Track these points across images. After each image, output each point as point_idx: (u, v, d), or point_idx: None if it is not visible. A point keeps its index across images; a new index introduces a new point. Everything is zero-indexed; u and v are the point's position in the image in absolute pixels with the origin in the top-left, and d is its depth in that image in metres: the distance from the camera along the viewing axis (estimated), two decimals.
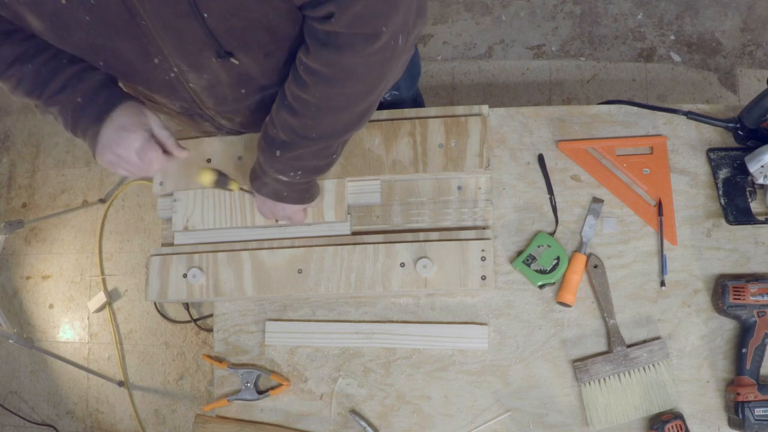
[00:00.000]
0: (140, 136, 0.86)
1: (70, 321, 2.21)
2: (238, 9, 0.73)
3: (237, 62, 0.81)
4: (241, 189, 1.00)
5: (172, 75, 0.83)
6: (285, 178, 0.91)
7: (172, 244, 1.12)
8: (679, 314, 1.03)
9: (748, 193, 1.04)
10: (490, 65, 2.06)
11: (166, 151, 0.90)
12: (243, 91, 0.90)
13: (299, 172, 0.91)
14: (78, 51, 0.81)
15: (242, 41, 0.79)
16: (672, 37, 1.99)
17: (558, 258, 1.04)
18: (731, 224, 1.03)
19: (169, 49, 0.78)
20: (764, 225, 1.03)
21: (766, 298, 0.96)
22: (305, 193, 0.97)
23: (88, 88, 0.85)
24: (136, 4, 0.70)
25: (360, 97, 0.83)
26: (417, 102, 1.41)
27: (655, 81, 1.96)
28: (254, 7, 0.73)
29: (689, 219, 1.06)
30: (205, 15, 0.71)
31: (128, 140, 0.85)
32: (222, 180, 0.96)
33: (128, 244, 2.21)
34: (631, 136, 1.09)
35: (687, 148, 1.09)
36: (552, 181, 1.09)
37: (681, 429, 0.95)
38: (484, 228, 1.05)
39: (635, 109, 1.10)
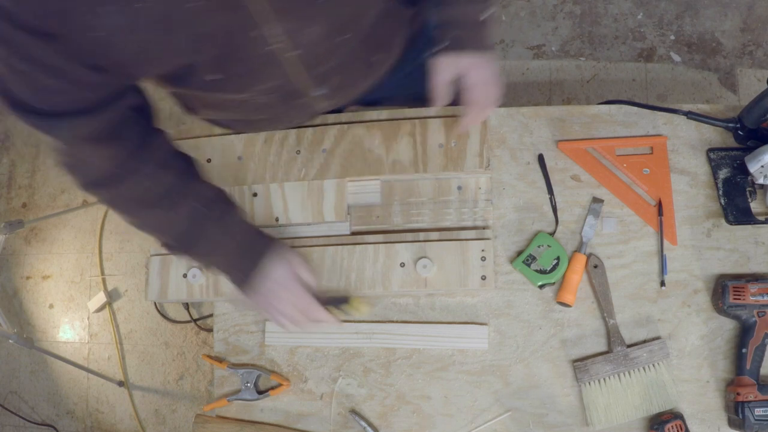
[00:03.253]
0: (296, 287, 0.87)
1: (70, 321, 2.21)
2: None
3: None
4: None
5: (273, 46, 0.77)
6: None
7: None
8: (679, 314, 1.03)
9: (748, 193, 1.04)
10: None
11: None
12: (347, 36, 0.84)
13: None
14: (177, 57, 0.73)
15: None
16: (672, 37, 1.99)
17: (558, 258, 1.04)
18: (731, 224, 1.03)
19: (271, 15, 0.72)
20: (764, 225, 1.03)
21: (766, 298, 0.96)
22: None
23: (240, 241, 0.87)
24: None
25: None
26: None
27: (655, 81, 1.96)
28: None
29: (689, 219, 1.06)
30: None
31: (286, 293, 0.87)
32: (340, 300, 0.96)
33: (128, 244, 2.21)
34: (631, 136, 1.09)
35: (687, 148, 1.09)
36: (552, 181, 1.09)
37: (681, 429, 0.95)
38: (484, 228, 1.06)
39: (635, 109, 1.10)
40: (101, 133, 0.76)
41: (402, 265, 1.03)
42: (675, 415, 0.97)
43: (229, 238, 0.88)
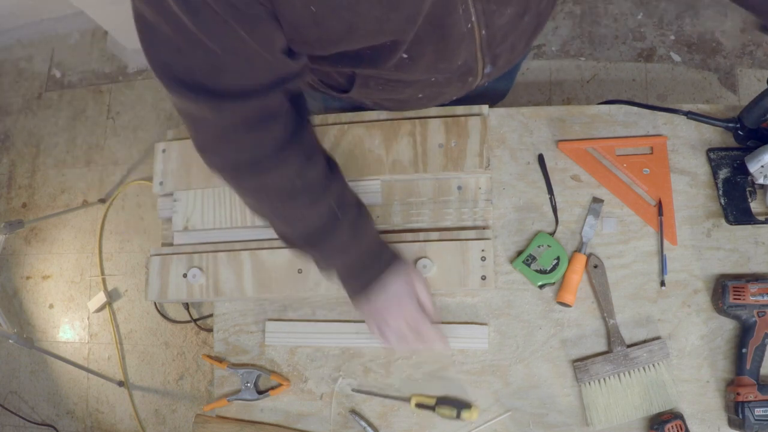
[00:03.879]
0: (412, 305, 0.85)
1: (70, 321, 2.21)
2: None
3: None
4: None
5: (469, 26, 0.77)
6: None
7: (172, 244, 1.13)
8: (679, 314, 1.03)
9: (748, 193, 1.04)
10: None
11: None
12: (527, 18, 0.84)
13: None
14: (389, 33, 0.72)
15: None
16: (672, 37, 1.99)
17: (558, 258, 1.04)
18: (731, 224, 1.03)
19: None
20: (764, 225, 1.03)
21: (766, 298, 0.96)
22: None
23: (365, 250, 0.85)
24: None
25: None
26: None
27: (655, 81, 1.96)
28: None
29: (689, 219, 1.06)
30: None
31: (402, 309, 0.85)
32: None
33: (128, 244, 2.21)
34: (631, 136, 1.09)
35: (687, 148, 1.09)
36: (552, 181, 1.09)
37: (681, 429, 0.95)
38: (484, 228, 1.06)
39: (635, 109, 1.10)
40: (262, 116, 0.73)
41: None
42: (675, 415, 0.97)
43: (356, 245, 0.86)
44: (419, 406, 1.03)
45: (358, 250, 0.86)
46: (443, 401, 1.03)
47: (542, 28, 0.95)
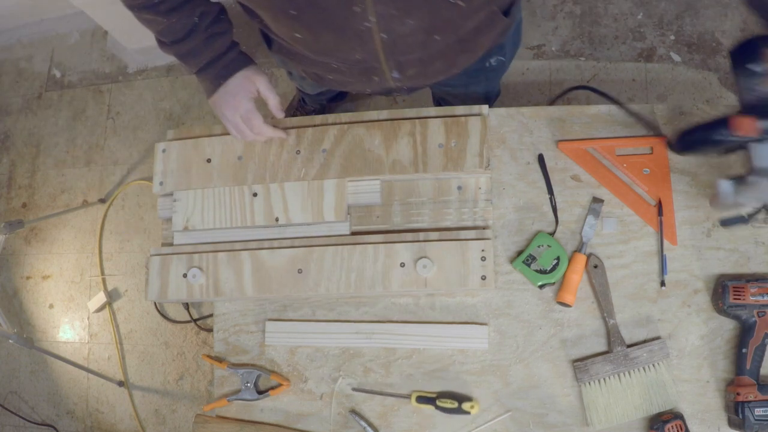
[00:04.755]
0: (245, 102, 0.99)
1: (70, 321, 2.21)
2: None
3: (463, 4, 0.81)
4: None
5: (367, 25, 0.82)
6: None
7: (172, 244, 1.13)
8: (679, 314, 1.03)
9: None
10: None
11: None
12: (437, 37, 0.90)
13: None
14: (272, 3, 0.82)
15: None
16: (672, 37, 1.99)
17: (558, 258, 1.04)
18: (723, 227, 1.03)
19: None
20: (765, 225, 1.03)
21: (766, 298, 0.96)
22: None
23: (213, 56, 0.98)
24: None
25: None
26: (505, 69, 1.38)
27: (655, 81, 1.96)
28: None
29: (689, 219, 1.06)
30: None
31: (233, 104, 0.99)
32: None
33: (128, 244, 2.21)
34: (631, 136, 1.09)
35: None
36: (552, 181, 1.09)
37: (681, 429, 0.95)
38: (484, 228, 1.05)
39: (635, 108, 1.10)
40: None
41: (402, 265, 1.03)
42: (675, 415, 0.97)
43: (208, 51, 0.99)
44: (420, 400, 1.03)
45: (209, 55, 0.99)
46: (444, 394, 1.03)
47: (475, 55, 1.02)
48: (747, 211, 0.99)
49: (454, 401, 1.01)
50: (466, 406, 1.01)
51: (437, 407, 1.02)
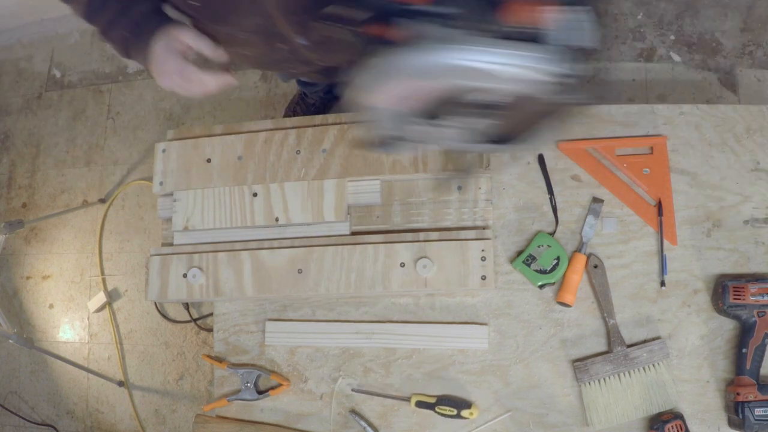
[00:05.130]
0: (175, 62, 0.93)
1: (70, 321, 2.21)
2: None
3: None
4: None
5: None
6: None
7: (172, 244, 1.13)
8: (679, 314, 1.03)
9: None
10: None
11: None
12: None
13: None
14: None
15: None
16: (672, 37, 1.99)
17: (558, 258, 1.04)
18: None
19: None
20: (765, 225, 1.03)
21: (766, 298, 0.96)
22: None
23: (132, 23, 0.93)
24: None
25: None
26: None
27: (655, 81, 1.96)
28: None
29: (689, 219, 1.06)
30: None
31: (165, 69, 0.94)
32: None
33: (128, 244, 2.21)
34: (631, 136, 1.09)
35: (687, 148, 1.09)
36: (552, 181, 1.09)
37: (681, 429, 0.95)
38: (484, 228, 1.05)
39: (635, 108, 1.11)
40: None
41: (402, 265, 1.03)
42: (675, 415, 0.97)
43: (124, 21, 0.95)
44: (419, 404, 1.03)
45: (127, 24, 0.95)
46: (443, 400, 1.03)
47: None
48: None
49: (453, 408, 1.01)
50: (465, 413, 1.01)
51: (436, 413, 1.02)
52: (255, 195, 1.09)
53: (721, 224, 1.05)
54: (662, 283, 1.03)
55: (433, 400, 1.03)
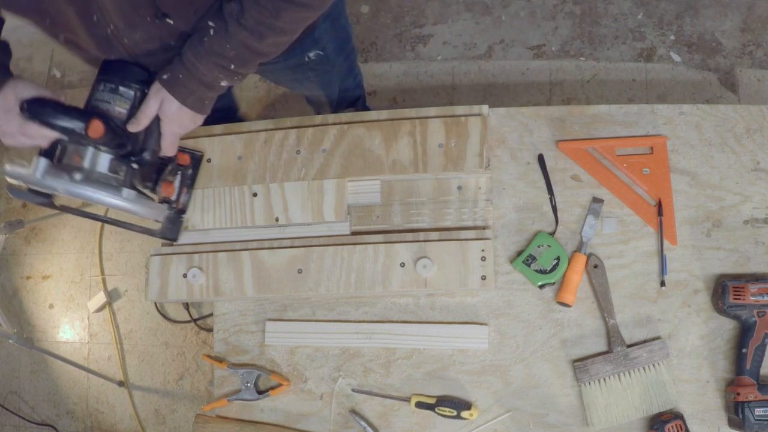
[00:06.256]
0: (12, 119, 0.91)
1: (70, 321, 2.21)
2: None
3: (171, 22, 0.86)
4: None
5: (108, 32, 0.87)
6: (215, 75, 0.93)
7: (172, 244, 1.12)
8: (679, 314, 1.03)
9: None
10: (490, 65, 2.06)
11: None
12: (172, 43, 0.93)
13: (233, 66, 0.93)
14: (25, 14, 0.87)
15: (176, 3, 0.85)
16: (672, 37, 1.99)
17: (558, 258, 1.04)
18: None
19: (108, 7, 0.82)
20: (765, 225, 1.03)
21: (766, 298, 0.96)
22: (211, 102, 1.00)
23: None
24: None
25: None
26: (349, 65, 1.41)
27: (655, 81, 1.96)
28: None
29: (689, 219, 1.06)
30: None
31: (6, 127, 0.92)
32: None
33: (128, 244, 2.21)
34: (631, 136, 1.09)
35: (687, 148, 1.09)
36: (552, 181, 1.09)
37: (681, 429, 0.95)
38: (484, 228, 1.05)
39: (635, 108, 1.11)
40: None
41: (402, 265, 1.03)
42: (675, 415, 0.97)
43: None
44: (419, 405, 1.03)
45: None
46: (443, 401, 1.03)
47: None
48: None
49: (453, 410, 1.01)
50: (465, 414, 1.01)
51: (436, 414, 1.02)
52: (255, 195, 1.09)
53: (721, 224, 1.05)
54: (662, 283, 1.03)
55: (432, 401, 1.03)
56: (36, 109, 0.90)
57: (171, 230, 1.07)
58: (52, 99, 0.93)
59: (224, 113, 1.33)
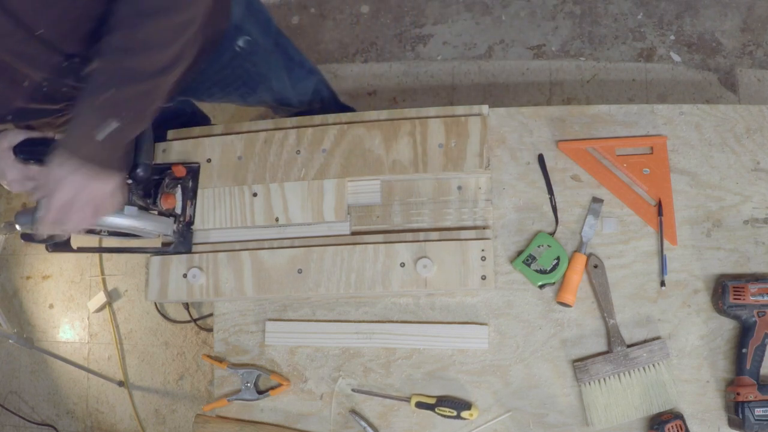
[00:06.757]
0: (9, 167, 0.93)
1: (70, 321, 2.21)
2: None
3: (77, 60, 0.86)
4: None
5: (45, 89, 0.89)
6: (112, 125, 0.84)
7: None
8: (679, 314, 1.03)
9: None
10: (490, 65, 2.06)
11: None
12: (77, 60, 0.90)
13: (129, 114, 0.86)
14: None
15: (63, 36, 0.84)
16: (672, 37, 1.99)
17: (558, 258, 1.04)
18: None
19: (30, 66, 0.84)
20: (765, 225, 1.03)
21: (766, 298, 0.96)
22: (125, 156, 0.93)
23: None
24: None
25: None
26: (283, 48, 1.31)
27: (655, 81, 1.96)
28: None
29: (689, 219, 1.06)
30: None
31: (7, 176, 0.94)
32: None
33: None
34: (631, 136, 1.09)
35: (687, 148, 1.09)
36: (552, 181, 1.09)
37: (681, 429, 0.95)
38: (484, 228, 1.05)
39: (635, 108, 1.11)
40: None
41: (402, 265, 1.03)
42: (675, 415, 0.97)
43: None
44: (419, 405, 1.03)
45: None
46: (443, 401, 1.03)
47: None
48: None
49: (453, 410, 1.01)
50: (465, 414, 1.01)
51: (436, 414, 1.02)
52: (255, 195, 1.09)
53: (721, 224, 1.05)
54: (662, 283, 1.03)
55: (432, 401, 1.03)
56: (27, 150, 0.92)
57: (183, 243, 1.09)
58: (40, 138, 0.93)
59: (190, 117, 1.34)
